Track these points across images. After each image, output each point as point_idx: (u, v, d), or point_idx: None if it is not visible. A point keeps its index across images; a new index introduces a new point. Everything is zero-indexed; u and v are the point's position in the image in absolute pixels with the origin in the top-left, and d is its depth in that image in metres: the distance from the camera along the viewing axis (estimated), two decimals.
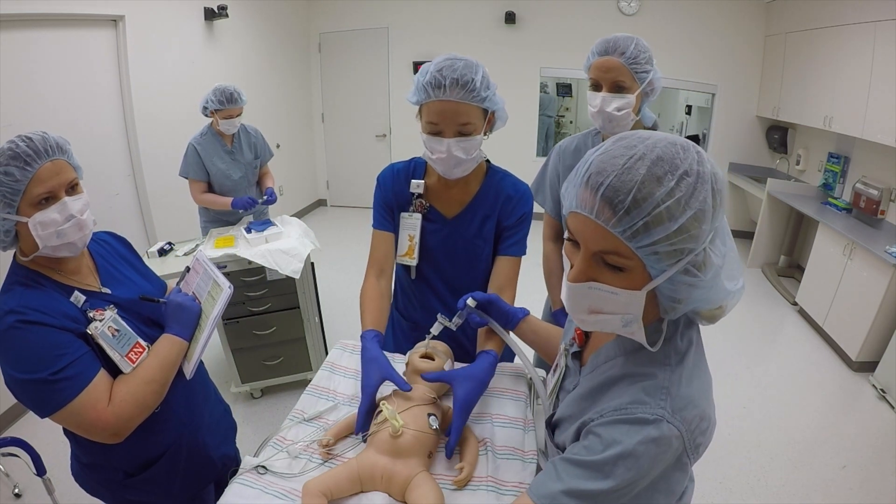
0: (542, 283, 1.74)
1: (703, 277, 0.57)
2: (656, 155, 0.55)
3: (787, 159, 4.66)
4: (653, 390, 0.62)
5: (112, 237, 1.23)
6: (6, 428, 2.44)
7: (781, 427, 2.54)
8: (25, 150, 0.90)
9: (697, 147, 0.59)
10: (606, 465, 0.60)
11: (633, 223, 0.54)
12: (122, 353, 0.98)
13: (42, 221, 0.93)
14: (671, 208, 0.54)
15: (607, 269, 0.59)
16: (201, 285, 1.15)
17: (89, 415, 0.91)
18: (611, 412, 0.63)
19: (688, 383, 0.63)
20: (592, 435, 0.64)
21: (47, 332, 0.90)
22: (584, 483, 0.61)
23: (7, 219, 0.92)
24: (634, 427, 0.60)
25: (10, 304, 0.90)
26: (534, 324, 1.10)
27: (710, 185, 0.55)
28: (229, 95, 2.44)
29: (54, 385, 0.88)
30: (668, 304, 0.61)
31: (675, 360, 0.64)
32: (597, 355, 0.74)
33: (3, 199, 0.90)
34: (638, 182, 0.54)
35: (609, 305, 0.61)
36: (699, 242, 0.56)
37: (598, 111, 1.40)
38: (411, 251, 1.30)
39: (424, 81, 1.08)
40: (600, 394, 0.69)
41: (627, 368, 0.67)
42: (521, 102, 5.26)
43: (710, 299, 0.61)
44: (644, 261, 0.57)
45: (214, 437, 1.26)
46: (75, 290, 0.99)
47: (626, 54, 1.34)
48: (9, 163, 0.89)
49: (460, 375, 1.02)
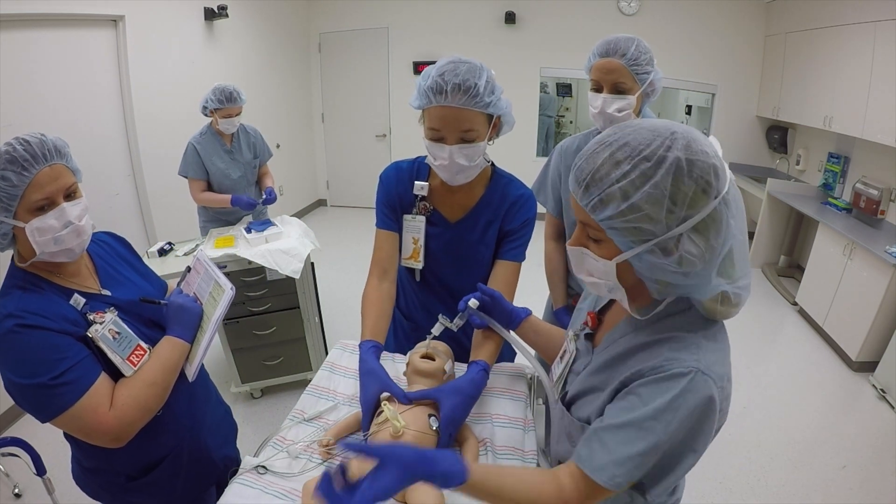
0: (543, 283, 1.74)
1: (670, 262, 0.62)
2: (624, 142, 0.63)
3: (787, 159, 4.66)
4: (684, 347, 0.67)
5: (111, 238, 1.21)
6: (6, 428, 2.44)
7: (781, 427, 2.54)
8: (23, 155, 0.87)
9: (686, 136, 0.61)
10: (647, 421, 0.65)
11: (591, 198, 0.64)
12: (123, 355, 0.97)
13: (39, 228, 0.90)
14: (624, 188, 0.61)
15: (590, 239, 0.70)
16: (202, 286, 1.14)
17: (91, 419, 0.89)
18: (649, 371, 0.67)
19: (714, 346, 0.69)
20: (631, 395, 0.68)
21: (47, 335, 0.88)
22: (630, 447, 0.65)
23: (3, 223, 0.89)
24: (672, 381, 0.64)
25: (9, 308, 0.88)
26: (536, 324, 1.10)
27: (671, 168, 0.60)
28: (228, 94, 2.44)
29: (54, 390, 0.86)
30: (649, 283, 0.68)
31: (700, 326, 0.70)
32: (612, 332, 0.80)
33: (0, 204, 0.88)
34: (598, 165, 0.63)
35: (595, 271, 0.70)
36: (659, 224, 0.61)
37: (599, 112, 1.41)
38: (416, 254, 1.28)
39: (426, 86, 1.05)
40: (621, 362, 0.73)
41: (653, 335, 0.71)
42: (521, 102, 5.26)
43: (695, 288, 0.65)
44: (608, 233, 0.65)
45: (216, 438, 1.25)
46: (75, 292, 0.98)
47: (627, 56, 1.34)
48: (5, 167, 0.86)
49: (447, 390, 1.00)
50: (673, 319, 0.71)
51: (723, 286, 0.65)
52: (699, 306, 0.70)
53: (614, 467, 0.66)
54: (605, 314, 0.87)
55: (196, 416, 1.18)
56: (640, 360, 0.70)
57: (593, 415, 0.75)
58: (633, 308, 0.72)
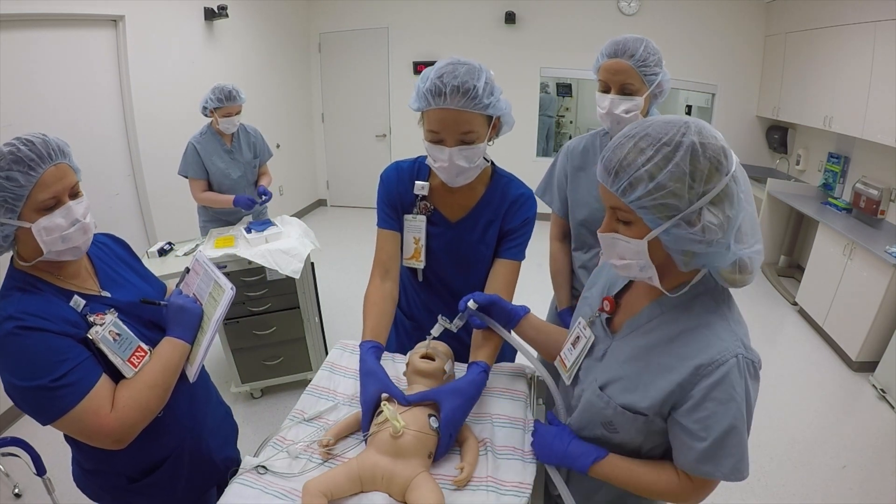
0: (544, 283, 1.74)
1: (695, 232, 0.70)
2: (645, 133, 0.72)
3: (787, 159, 4.66)
4: (717, 334, 0.76)
5: (110, 239, 1.21)
6: (6, 428, 2.44)
7: (781, 427, 2.54)
8: (28, 154, 0.88)
9: (697, 125, 0.71)
10: (727, 441, 0.74)
11: (621, 183, 0.72)
12: (123, 357, 0.96)
13: (47, 227, 0.91)
14: (650, 170, 0.70)
15: (621, 223, 0.77)
16: (202, 286, 1.14)
17: (92, 421, 0.89)
18: (706, 368, 0.74)
19: (738, 320, 0.80)
20: (708, 401, 0.74)
21: (47, 337, 0.88)
22: (733, 440, 0.75)
23: (7, 224, 0.89)
24: (732, 376, 0.73)
25: (9, 311, 0.88)
26: (534, 322, 1.10)
27: (688, 150, 0.69)
28: (228, 93, 2.45)
29: (55, 392, 0.86)
30: (677, 256, 0.75)
31: (726, 308, 0.80)
32: (636, 318, 0.86)
33: (4, 205, 0.88)
34: (624, 154, 0.72)
35: (627, 253, 0.77)
36: (682, 200, 0.69)
37: (606, 113, 1.40)
38: (418, 254, 1.28)
39: (424, 88, 1.05)
40: (664, 349, 0.80)
41: (680, 325, 0.80)
42: (521, 102, 5.26)
43: (717, 255, 0.73)
44: (639, 214, 0.72)
45: (217, 439, 1.25)
46: (74, 294, 0.97)
47: (636, 56, 1.33)
48: (11, 167, 0.86)
49: (447, 392, 1.00)
50: (701, 300, 0.80)
51: (740, 252, 0.73)
52: (719, 278, 0.78)
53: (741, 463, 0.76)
54: (621, 299, 0.92)
55: (197, 418, 1.17)
56: (689, 350, 0.77)
57: (644, 402, 0.80)
58: (664, 286, 0.79)
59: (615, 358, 0.86)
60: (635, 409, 0.81)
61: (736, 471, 0.75)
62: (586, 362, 0.93)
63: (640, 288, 0.88)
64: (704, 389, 0.74)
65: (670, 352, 0.79)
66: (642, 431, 0.83)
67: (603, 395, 0.85)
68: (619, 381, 0.84)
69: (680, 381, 0.76)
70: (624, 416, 0.82)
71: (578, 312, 1.00)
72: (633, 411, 0.81)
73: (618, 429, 0.85)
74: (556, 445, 0.90)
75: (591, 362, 0.91)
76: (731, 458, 0.75)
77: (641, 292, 0.88)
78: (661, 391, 0.78)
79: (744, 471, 0.76)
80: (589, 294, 1.01)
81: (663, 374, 0.78)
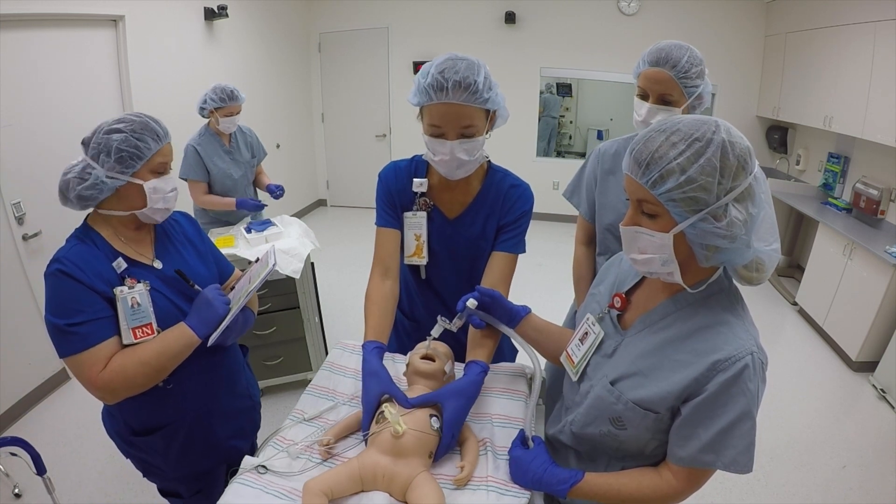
0: (545, 283, 1.74)
1: (721, 227, 0.71)
2: (676, 128, 0.74)
3: (787, 159, 4.66)
4: (734, 332, 0.78)
5: (184, 217, 1.31)
6: (6, 428, 2.43)
7: (781, 427, 2.54)
8: (156, 128, 1.07)
9: (725, 125, 0.74)
10: (738, 412, 0.76)
11: (652, 175, 0.73)
12: (130, 325, 1.03)
13: (156, 187, 1.07)
14: (681, 164, 0.71)
15: (645, 217, 0.77)
16: (254, 273, 1.19)
17: (85, 373, 1.00)
18: (723, 364, 0.75)
19: (749, 320, 0.82)
20: (721, 394, 0.75)
21: (76, 286, 0.99)
22: (738, 431, 0.77)
23: (117, 178, 1.03)
24: (746, 371, 0.75)
25: (60, 254, 1.02)
26: (535, 321, 1.10)
27: (719, 147, 0.71)
28: (230, 93, 2.45)
29: (65, 335, 0.98)
30: (699, 250, 0.76)
31: (741, 308, 0.82)
32: (650, 314, 0.87)
33: (124, 161, 1.02)
34: (656, 147, 0.73)
35: (650, 247, 0.78)
36: (711, 194, 0.71)
37: (643, 121, 1.38)
38: (419, 250, 1.28)
39: (426, 83, 1.06)
40: (679, 344, 0.81)
41: (697, 322, 0.81)
42: (521, 102, 5.26)
43: (738, 252, 0.75)
44: (666, 207, 0.73)
45: (226, 427, 1.28)
46: (120, 256, 1.06)
47: (678, 67, 1.30)
48: (144, 131, 1.04)
49: (449, 393, 1.00)
50: (717, 299, 0.81)
51: (759, 249, 0.76)
52: (735, 275, 0.82)
53: (743, 455, 0.77)
54: (632, 296, 0.93)
55: (208, 399, 1.21)
56: (706, 346, 0.78)
57: (657, 397, 0.80)
58: (685, 282, 0.80)
59: (627, 354, 0.87)
60: (647, 406, 0.81)
61: (736, 462, 0.76)
62: (594, 359, 0.92)
63: (654, 285, 0.89)
64: (719, 383, 0.75)
65: (686, 348, 0.80)
66: (651, 429, 0.83)
67: (614, 390, 0.85)
68: (631, 377, 0.84)
69: (696, 375, 0.77)
70: (635, 412, 0.82)
71: (586, 309, 1.01)
72: (644, 407, 0.81)
73: (626, 425, 0.85)
74: (531, 470, 0.89)
75: (600, 359, 0.91)
76: (733, 449, 0.76)
77: (655, 289, 0.88)
78: (676, 385, 0.78)
79: (745, 464, 0.77)
80: (597, 291, 1.01)
81: (678, 370, 0.79)
